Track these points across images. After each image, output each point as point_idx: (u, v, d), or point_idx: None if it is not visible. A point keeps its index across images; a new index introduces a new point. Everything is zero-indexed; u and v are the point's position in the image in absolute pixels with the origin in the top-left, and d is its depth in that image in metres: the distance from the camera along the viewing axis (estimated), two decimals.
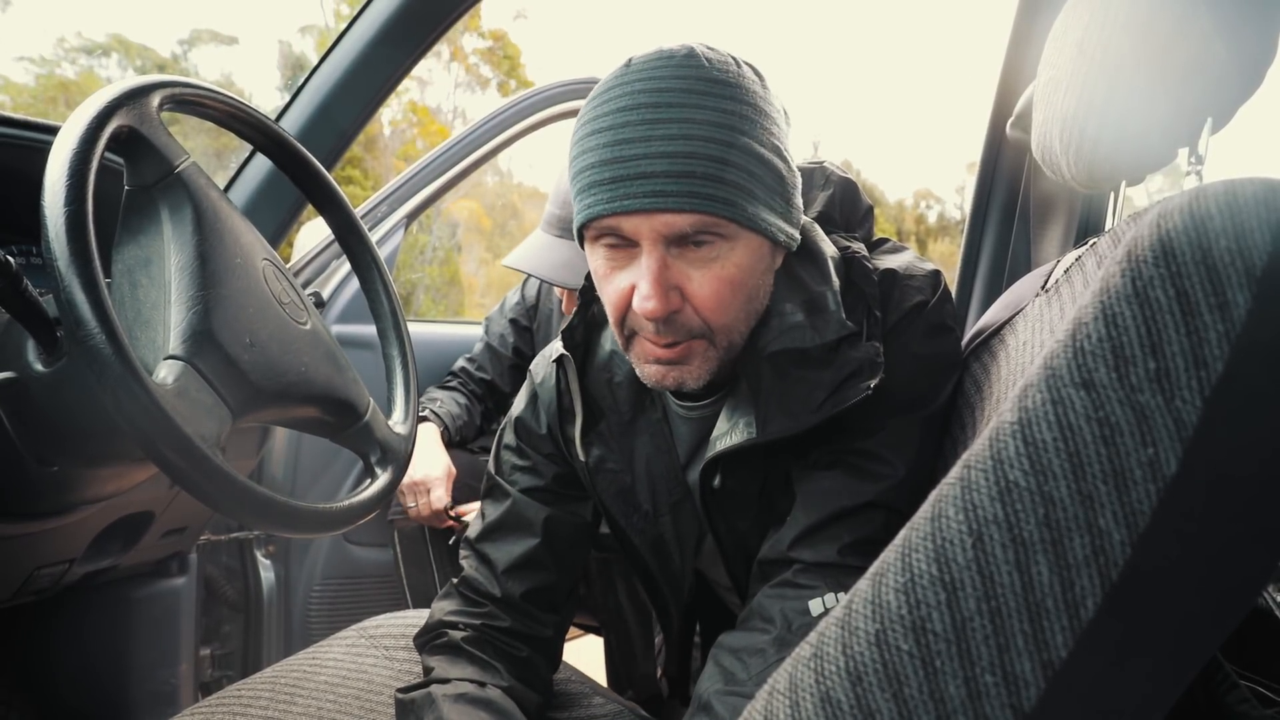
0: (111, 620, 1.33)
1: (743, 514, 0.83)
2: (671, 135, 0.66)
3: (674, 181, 0.66)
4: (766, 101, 0.70)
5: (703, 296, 0.71)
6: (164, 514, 1.14)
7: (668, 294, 0.70)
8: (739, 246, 0.70)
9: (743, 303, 0.73)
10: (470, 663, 0.86)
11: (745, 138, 0.68)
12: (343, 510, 0.78)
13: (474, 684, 0.82)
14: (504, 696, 0.83)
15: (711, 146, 0.66)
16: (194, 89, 0.78)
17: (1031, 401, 0.39)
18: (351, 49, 1.27)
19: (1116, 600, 0.36)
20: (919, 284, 0.79)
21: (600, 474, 0.89)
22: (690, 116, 0.66)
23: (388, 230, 1.75)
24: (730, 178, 0.67)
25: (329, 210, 0.96)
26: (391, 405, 0.96)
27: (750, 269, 0.72)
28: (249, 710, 0.83)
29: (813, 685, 0.43)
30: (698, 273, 0.71)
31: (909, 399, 0.76)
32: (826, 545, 0.75)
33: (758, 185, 0.69)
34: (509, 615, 0.90)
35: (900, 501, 0.75)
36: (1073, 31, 0.67)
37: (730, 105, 0.67)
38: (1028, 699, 0.37)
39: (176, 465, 0.62)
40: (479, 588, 0.91)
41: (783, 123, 0.73)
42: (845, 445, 0.77)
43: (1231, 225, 0.36)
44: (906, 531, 0.43)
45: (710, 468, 0.81)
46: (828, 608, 0.72)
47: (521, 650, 0.89)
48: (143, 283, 0.71)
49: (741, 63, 0.71)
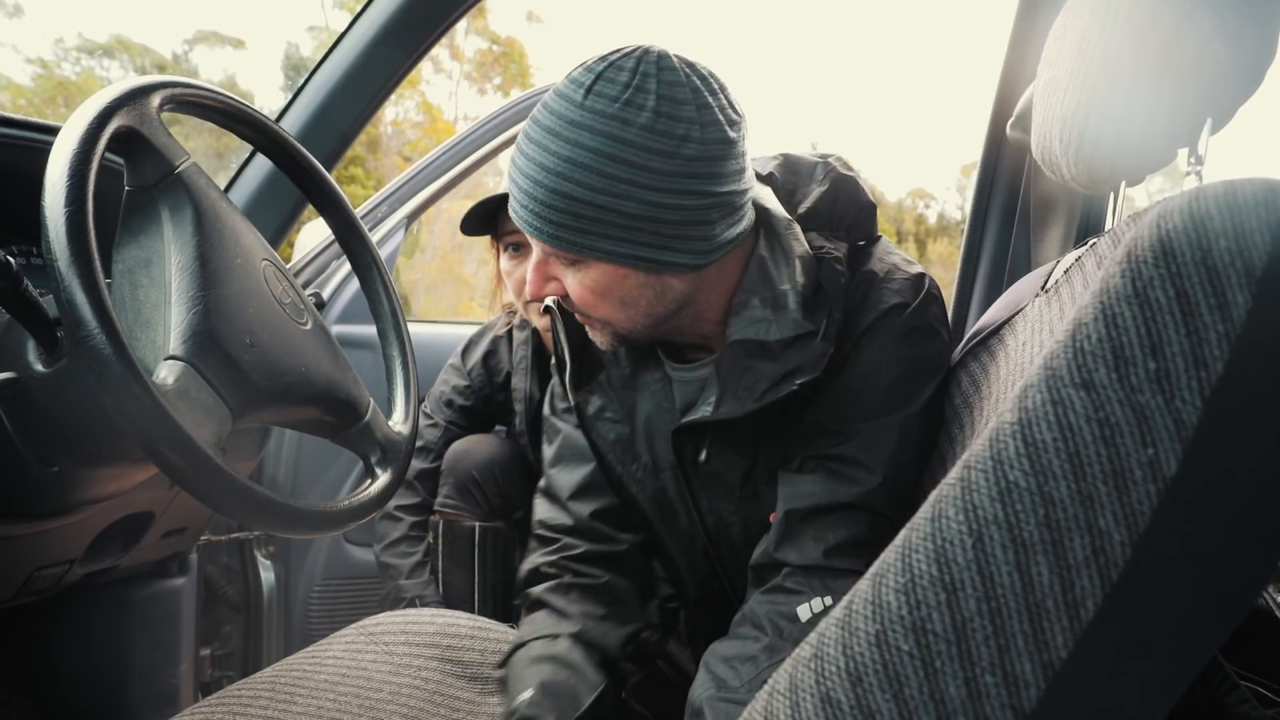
0: (112, 621, 1.33)
1: (726, 497, 0.88)
2: (544, 165, 0.72)
3: (532, 208, 0.74)
4: (648, 148, 0.71)
5: (571, 294, 0.80)
6: (164, 514, 1.14)
7: (544, 283, 0.81)
8: (593, 269, 0.77)
9: (614, 306, 0.79)
10: (547, 615, 0.92)
11: (609, 180, 0.71)
12: (343, 510, 0.78)
13: (546, 639, 0.88)
14: (570, 646, 0.87)
15: (568, 185, 0.71)
16: (194, 89, 0.78)
17: (1031, 402, 0.39)
18: (352, 49, 1.27)
19: (1117, 601, 0.36)
20: (898, 287, 0.81)
21: (599, 422, 0.95)
22: (560, 151, 0.71)
23: (388, 230, 1.75)
24: (582, 212, 0.72)
25: (329, 210, 0.96)
26: (392, 406, 0.96)
27: (611, 286, 0.78)
28: (249, 710, 0.83)
29: (813, 686, 0.43)
30: (567, 274, 0.79)
31: (885, 402, 0.79)
32: (811, 546, 0.78)
33: (614, 224, 0.72)
34: (582, 539, 0.96)
35: (882, 504, 0.77)
36: (1072, 31, 0.67)
37: (605, 147, 0.70)
38: (1028, 699, 0.37)
39: (177, 466, 0.62)
40: (551, 522, 0.98)
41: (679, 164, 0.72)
42: (823, 449, 0.80)
43: (1231, 226, 0.36)
44: (907, 532, 0.43)
45: (679, 437, 0.87)
46: (815, 612, 0.75)
47: (599, 577, 0.94)
48: (143, 283, 0.71)
49: (647, 104, 0.70)
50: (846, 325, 0.81)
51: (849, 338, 0.81)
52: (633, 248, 0.74)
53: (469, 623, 1.03)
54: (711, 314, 0.85)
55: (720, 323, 0.85)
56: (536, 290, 0.81)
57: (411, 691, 0.90)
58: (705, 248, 0.76)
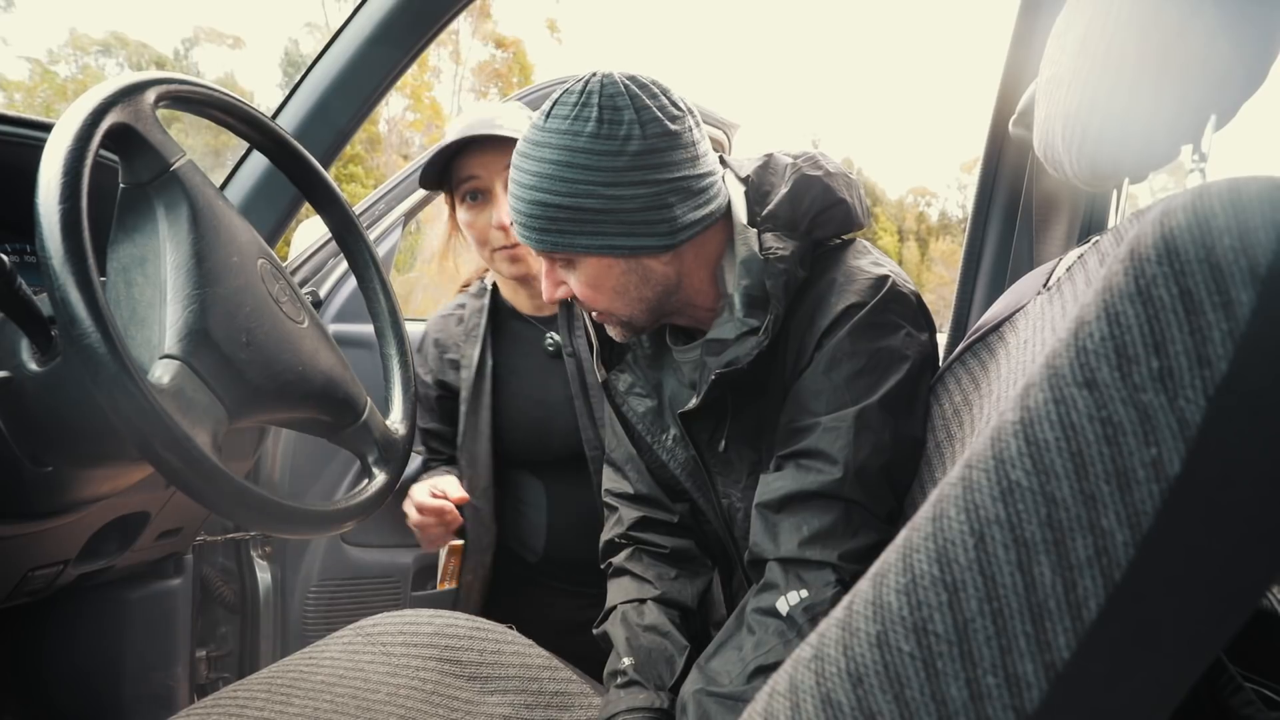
0: (107, 622, 1.32)
1: (735, 484, 0.96)
2: (522, 184, 0.84)
3: (522, 221, 0.85)
4: (596, 150, 0.81)
5: (576, 293, 0.90)
6: (159, 515, 1.14)
7: (556, 287, 0.91)
8: (583, 265, 0.87)
9: (610, 296, 0.89)
10: (630, 580, 1.03)
11: (570, 184, 0.81)
12: (340, 510, 0.78)
13: (634, 604, 1.00)
14: (657, 611, 0.98)
15: (541, 194, 0.82)
16: (189, 85, 0.77)
17: (1033, 401, 0.39)
18: (349, 45, 1.26)
19: (1119, 601, 0.36)
20: (857, 288, 0.86)
21: (630, 397, 1.03)
22: (531, 169, 0.83)
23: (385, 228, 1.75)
24: (556, 216, 0.83)
25: (326, 208, 0.95)
26: (389, 405, 0.96)
27: (601, 277, 0.88)
28: (245, 711, 0.82)
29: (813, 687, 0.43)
30: (569, 276, 0.90)
31: (843, 395, 0.83)
32: (786, 538, 0.82)
33: (584, 221, 0.83)
34: (643, 506, 1.07)
35: (850, 492, 0.81)
36: (1075, 28, 0.66)
37: (563, 157, 0.81)
38: (1030, 701, 0.37)
39: (172, 465, 0.61)
40: (615, 490, 1.11)
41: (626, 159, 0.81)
42: (790, 446, 0.85)
43: (1235, 223, 0.35)
44: (908, 532, 0.43)
45: (687, 421, 0.97)
46: (791, 605, 0.79)
47: (664, 546, 1.05)
48: (138, 281, 0.71)
49: (591, 115, 0.81)
50: (809, 328, 0.86)
51: (810, 340, 0.86)
52: (606, 239, 0.84)
53: (467, 623, 1.02)
54: (702, 298, 0.93)
55: (712, 308, 0.94)
56: (551, 294, 0.91)
57: (409, 692, 0.89)
58: (670, 229, 0.85)
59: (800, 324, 0.87)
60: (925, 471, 0.81)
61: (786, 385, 0.88)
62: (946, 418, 0.79)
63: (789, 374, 0.88)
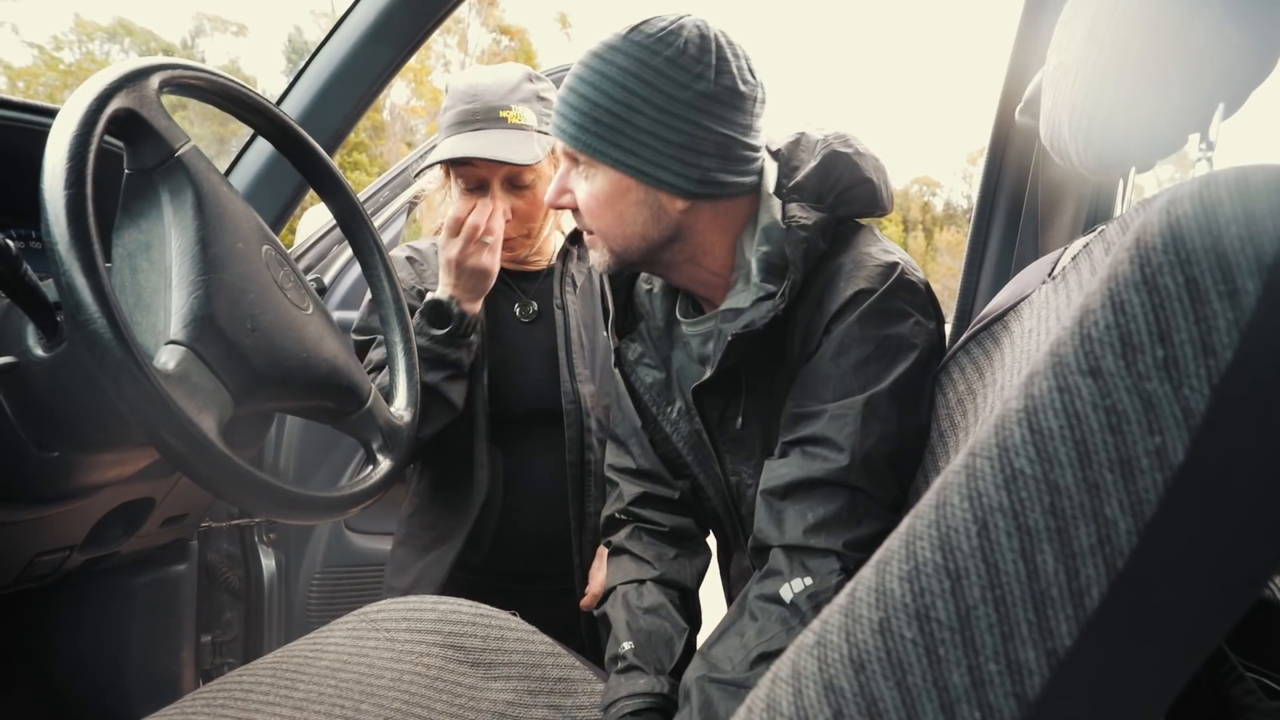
0: (113, 607, 1.33)
1: (746, 460, 0.95)
2: (582, 78, 0.85)
3: (564, 113, 0.87)
4: (666, 75, 0.83)
5: (580, 204, 0.91)
6: (165, 501, 1.14)
7: (561, 194, 0.92)
8: (601, 178, 0.88)
9: (613, 219, 0.89)
10: (630, 560, 1.04)
11: (628, 93, 0.83)
12: (345, 497, 0.78)
13: (634, 585, 1.00)
14: (656, 592, 0.99)
15: (596, 93, 0.84)
16: (194, 71, 0.77)
17: (1038, 389, 0.39)
18: (354, 32, 1.26)
19: (1122, 589, 0.36)
20: (866, 274, 0.85)
21: (639, 366, 1.03)
22: (597, 68, 0.84)
23: (389, 215, 1.74)
24: (601, 118, 0.84)
25: (331, 195, 0.95)
26: (393, 391, 0.96)
27: (614, 196, 0.88)
28: (250, 696, 0.83)
29: (816, 673, 0.43)
30: (580, 184, 0.90)
31: (851, 382, 0.82)
32: (791, 525, 0.81)
33: (624, 134, 0.84)
34: (643, 482, 1.08)
35: (856, 480, 0.80)
36: (1083, 16, 0.66)
37: (632, 67, 0.83)
38: (1032, 688, 0.37)
39: (178, 451, 0.61)
40: (618, 465, 1.11)
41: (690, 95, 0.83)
42: (797, 433, 0.84)
43: (1242, 212, 0.35)
44: (911, 519, 0.43)
45: (698, 396, 0.96)
46: (795, 593, 0.78)
47: (663, 525, 1.06)
48: (143, 267, 0.71)
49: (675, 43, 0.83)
50: (817, 311, 0.86)
51: (819, 324, 0.85)
52: (637, 160, 0.85)
53: (470, 609, 1.03)
54: (710, 262, 0.93)
55: (720, 274, 0.94)
56: (554, 199, 0.92)
57: (413, 678, 0.90)
58: (698, 176, 0.86)
59: (808, 307, 0.87)
60: (929, 459, 0.81)
61: (793, 369, 0.88)
62: (950, 406, 0.79)
63: (796, 357, 0.88)
